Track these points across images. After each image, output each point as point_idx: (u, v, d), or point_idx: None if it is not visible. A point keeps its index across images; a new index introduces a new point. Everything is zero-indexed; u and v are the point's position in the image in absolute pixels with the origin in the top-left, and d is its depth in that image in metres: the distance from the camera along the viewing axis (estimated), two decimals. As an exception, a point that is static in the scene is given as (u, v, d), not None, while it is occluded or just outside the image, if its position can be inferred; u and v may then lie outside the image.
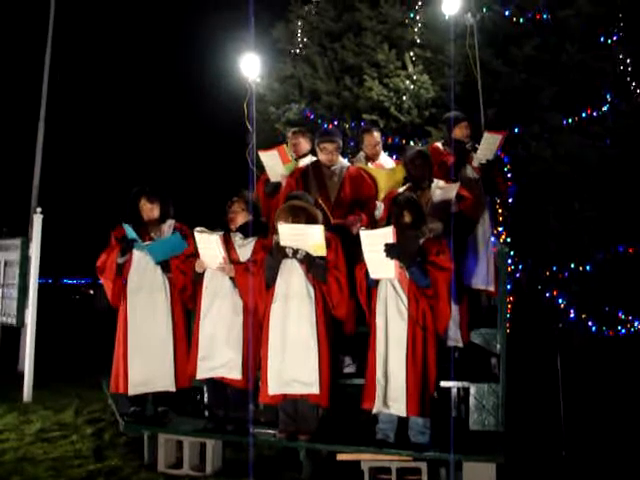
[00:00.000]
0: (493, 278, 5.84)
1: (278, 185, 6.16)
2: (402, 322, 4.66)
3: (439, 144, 6.43)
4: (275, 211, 6.00)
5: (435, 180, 5.62)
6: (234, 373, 5.11)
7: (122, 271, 5.49)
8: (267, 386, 4.89)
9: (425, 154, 5.65)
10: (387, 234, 4.56)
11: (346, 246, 5.07)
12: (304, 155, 6.37)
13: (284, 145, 6.25)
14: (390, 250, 4.52)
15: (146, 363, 5.33)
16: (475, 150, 6.08)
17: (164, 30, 20.25)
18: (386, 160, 6.45)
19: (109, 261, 5.46)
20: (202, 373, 5.18)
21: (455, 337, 5.36)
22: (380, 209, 5.76)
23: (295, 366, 4.82)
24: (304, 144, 6.41)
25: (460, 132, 6.22)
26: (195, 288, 5.40)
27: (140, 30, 20.01)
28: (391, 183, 5.92)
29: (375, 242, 4.57)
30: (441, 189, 5.52)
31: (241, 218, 5.35)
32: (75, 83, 19.48)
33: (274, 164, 6.09)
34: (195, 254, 5.31)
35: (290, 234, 4.86)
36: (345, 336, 5.18)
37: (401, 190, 5.63)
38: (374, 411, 4.71)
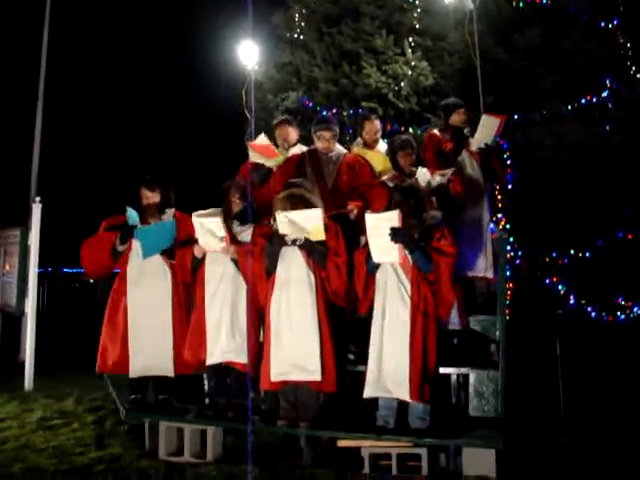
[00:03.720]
0: (491, 265, 5.84)
1: (268, 173, 6.15)
2: (404, 307, 4.67)
3: (436, 131, 6.42)
4: (264, 198, 6.02)
5: (419, 167, 5.66)
6: (241, 357, 5.12)
7: (118, 258, 5.47)
8: (269, 373, 4.91)
9: (412, 143, 5.69)
10: (393, 218, 4.57)
11: (346, 233, 5.08)
12: (294, 145, 6.35)
13: (269, 144, 6.23)
14: (395, 234, 4.54)
15: (146, 349, 5.33)
16: (473, 135, 6.08)
17: (162, 17, 20.14)
18: (384, 147, 6.43)
19: (104, 245, 5.43)
20: (212, 359, 5.17)
21: (453, 320, 5.36)
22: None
23: (297, 353, 4.83)
24: (292, 133, 6.39)
25: (458, 118, 6.22)
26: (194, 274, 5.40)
27: (137, 18, 19.91)
28: (387, 168, 5.92)
29: (380, 226, 4.58)
30: (441, 176, 5.56)
31: (236, 206, 5.35)
32: (73, 71, 19.41)
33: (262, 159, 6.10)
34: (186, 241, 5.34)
35: (288, 221, 4.86)
36: (346, 323, 5.20)
37: (385, 178, 5.66)
38: (364, 396, 4.73)
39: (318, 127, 5.94)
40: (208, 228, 5.09)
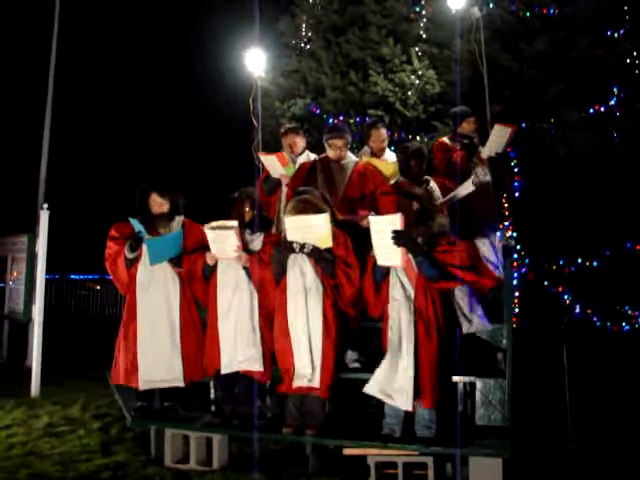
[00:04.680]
0: (499, 272, 5.82)
1: (278, 183, 6.16)
2: (409, 314, 4.65)
3: (446, 139, 6.41)
4: (275, 208, 6.03)
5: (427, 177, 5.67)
6: (256, 366, 5.13)
7: (131, 266, 5.48)
8: (291, 378, 4.88)
9: (423, 151, 5.68)
10: (395, 221, 4.55)
11: (356, 242, 5.06)
12: (301, 153, 6.35)
13: (283, 152, 6.23)
14: (397, 237, 4.52)
15: (155, 358, 5.33)
16: (483, 144, 6.07)
17: (169, 25, 20.26)
18: (390, 156, 6.42)
19: (119, 259, 5.47)
20: (227, 368, 5.17)
21: (483, 319, 5.29)
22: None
23: (300, 359, 4.83)
24: (300, 142, 6.36)
25: (468, 127, 6.22)
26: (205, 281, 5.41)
27: (146, 25, 20.02)
28: (394, 176, 5.91)
29: (383, 229, 4.57)
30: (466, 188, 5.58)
31: (247, 215, 5.37)
32: (81, 79, 19.52)
33: (274, 166, 6.10)
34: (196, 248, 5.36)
35: (297, 227, 4.87)
36: (351, 331, 5.19)
37: (393, 184, 5.65)
38: (364, 390, 4.69)
39: (330, 135, 5.94)
40: (222, 239, 5.10)
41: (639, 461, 5.05)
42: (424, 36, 9.44)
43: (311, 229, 4.84)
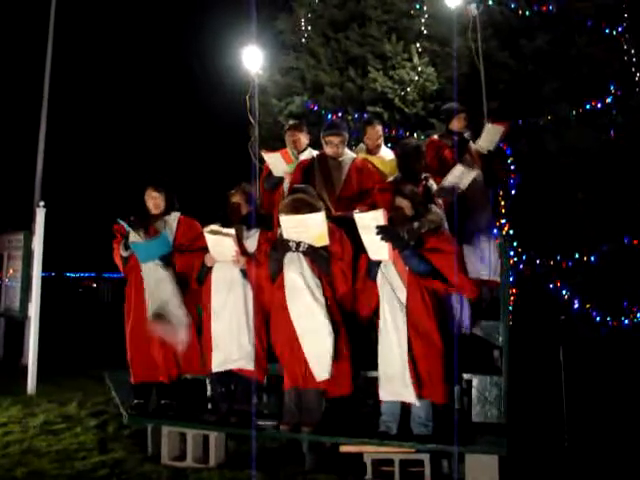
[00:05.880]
0: (495, 269, 5.82)
1: (280, 180, 6.15)
2: (401, 310, 4.65)
3: (436, 136, 6.42)
4: (278, 205, 6.01)
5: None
6: (251, 364, 5.13)
7: (126, 264, 5.52)
8: (290, 374, 4.90)
9: (422, 148, 5.68)
10: (378, 217, 4.58)
11: (352, 238, 5.06)
12: (304, 150, 6.33)
13: (287, 149, 6.21)
14: (381, 232, 4.53)
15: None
16: (474, 140, 6.08)
17: (167, 23, 20.23)
18: (386, 152, 6.40)
19: (116, 256, 5.55)
20: (221, 366, 5.17)
21: (466, 323, 5.32)
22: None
23: (310, 358, 4.81)
24: (303, 139, 6.33)
25: (458, 123, 6.22)
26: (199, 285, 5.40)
27: (143, 22, 19.99)
28: (390, 173, 5.90)
29: (368, 225, 4.59)
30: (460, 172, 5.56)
31: (242, 210, 5.36)
32: (78, 76, 19.48)
33: (277, 164, 6.08)
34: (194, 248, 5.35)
35: (292, 226, 4.86)
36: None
37: (389, 181, 5.64)
38: (380, 398, 4.71)
39: (327, 132, 5.93)
40: (221, 244, 5.11)
41: (635, 458, 5.06)
42: (425, 32, 9.42)
43: (306, 228, 4.84)
